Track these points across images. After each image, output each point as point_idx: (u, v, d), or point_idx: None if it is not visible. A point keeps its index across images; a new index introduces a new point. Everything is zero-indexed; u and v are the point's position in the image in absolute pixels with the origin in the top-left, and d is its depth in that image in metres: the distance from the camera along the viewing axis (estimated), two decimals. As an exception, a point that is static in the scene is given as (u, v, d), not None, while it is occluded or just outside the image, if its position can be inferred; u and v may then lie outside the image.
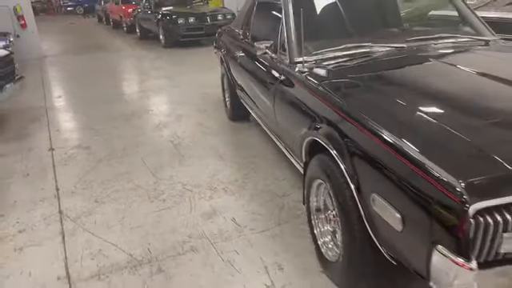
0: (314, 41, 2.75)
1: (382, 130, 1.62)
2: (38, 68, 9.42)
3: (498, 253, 1.31)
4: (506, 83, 1.96)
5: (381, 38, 2.77)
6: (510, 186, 1.27)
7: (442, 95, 1.92)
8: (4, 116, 5.62)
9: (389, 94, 1.98)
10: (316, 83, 2.28)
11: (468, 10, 3.14)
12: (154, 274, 2.30)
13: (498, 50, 2.66)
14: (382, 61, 2.48)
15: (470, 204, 1.22)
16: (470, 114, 1.72)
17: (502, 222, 1.26)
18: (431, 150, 1.45)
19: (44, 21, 24.44)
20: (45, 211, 3.05)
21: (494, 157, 1.34)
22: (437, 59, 2.38)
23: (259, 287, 2.14)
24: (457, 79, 2.12)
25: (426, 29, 3.04)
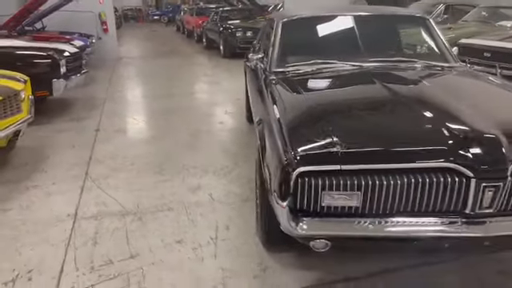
0: (292, 56, 3.37)
1: (279, 115, 2.23)
2: (112, 67, 10.78)
3: (323, 206, 1.86)
4: (406, 100, 2.41)
5: (348, 57, 3.28)
6: (328, 159, 1.82)
7: (345, 101, 2.47)
8: (71, 102, 6.78)
9: (309, 94, 2.56)
10: (271, 85, 2.90)
11: (440, 39, 3.54)
12: (134, 220, 3.02)
13: (440, 75, 3.07)
14: (332, 74, 3.04)
15: (295, 168, 1.79)
16: (350, 115, 2.26)
17: (320, 183, 1.81)
18: (297, 131, 2.03)
19: (132, 27, 26.93)
20: (75, 172, 3.92)
21: (330, 141, 1.89)
22: (373, 76, 2.87)
23: (205, 238, 2.77)
24: (369, 91, 2.63)
25: (396, 53, 3.47)
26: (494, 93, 2.67)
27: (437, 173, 1.80)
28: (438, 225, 1.86)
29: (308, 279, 2.35)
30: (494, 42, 6.02)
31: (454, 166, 1.78)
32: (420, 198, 1.83)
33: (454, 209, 1.85)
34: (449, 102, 2.23)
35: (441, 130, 1.91)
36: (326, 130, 1.98)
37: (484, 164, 1.77)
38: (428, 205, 1.85)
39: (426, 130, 2.00)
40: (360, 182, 1.80)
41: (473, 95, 2.57)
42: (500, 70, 5.80)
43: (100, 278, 2.39)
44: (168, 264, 2.51)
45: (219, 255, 2.59)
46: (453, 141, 1.84)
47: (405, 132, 2.02)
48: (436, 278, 2.33)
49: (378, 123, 2.14)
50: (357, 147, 1.87)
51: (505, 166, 1.77)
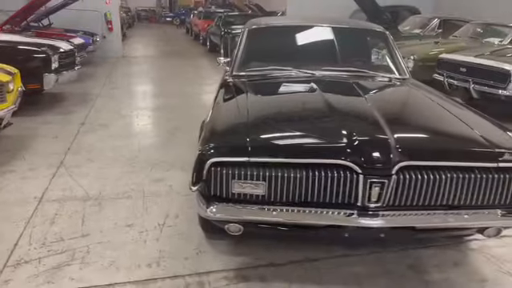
0: (253, 62, 3.63)
1: (213, 113, 2.50)
2: (112, 64, 11.14)
3: (233, 193, 2.11)
4: (329, 107, 2.59)
5: (305, 65, 3.52)
6: (238, 152, 2.06)
7: (275, 104, 2.73)
8: (65, 96, 7.11)
9: (247, 96, 2.81)
10: (222, 86, 3.17)
11: (395, 53, 3.77)
12: (94, 205, 3.29)
13: (377, 87, 3.30)
14: (281, 80, 3.29)
15: (208, 158, 2.05)
16: (272, 116, 2.52)
17: (231, 172, 2.06)
18: (219, 127, 2.29)
19: (144, 27, 27.42)
20: (52, 160, 4.20)
21: (244, 137, 2.14)
22: (317, 84, 3.09)
23: (154, 223, 3.03)
24: (303, 97, 2.89)
25: (352, 64, 3.68)
26: (416, 105, 2.90)
27: (332, 169, 2.04)
28: (335, 216, 2.09)
29: (234, 263, 2.59)
30: (469, 58, 6.22)
31: (346, 162, 2.01)
32: (318, 191, 2.07)
33: (348, 202, 2.08)
34: (365, 110, 2.47)
35: (341, 133, 2.15)
36: (245, 128, 2.23)
37: (371, 163, 2.00)
38: (326, 197, 2.08)
39: (329, 131, 2.24)
40: (265, 174, 2.05)
41: (393, 105, 2.81)
42: (473, 85, 6.00)
43: (49, 252, 2.65)
44: (113, 244, 2.77)
45: (162, 239, 2.84)
46: (349, 142, 2.08)
47: (310, 133, 2.27)
48: (349, 268, 2.55)
49: (291, 125, 2.40)
50: (264, 143, 2.12)
51: (390, 165, 2.00)
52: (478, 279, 2.49)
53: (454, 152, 2.13)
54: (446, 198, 2.09)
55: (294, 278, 2.45)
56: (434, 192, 2.07)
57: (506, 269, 2.58)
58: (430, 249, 2.77)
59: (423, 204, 2.10)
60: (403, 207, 2.11)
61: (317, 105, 2.63)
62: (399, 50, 3.76)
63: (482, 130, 2.29)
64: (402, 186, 2.04)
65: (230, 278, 2.44)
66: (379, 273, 2.52)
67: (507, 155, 2.07)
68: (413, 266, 2.60)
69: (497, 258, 2.70)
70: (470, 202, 2.11)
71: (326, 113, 2.44)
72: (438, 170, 2.06)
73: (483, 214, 2.12)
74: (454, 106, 2.79)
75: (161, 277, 2.45)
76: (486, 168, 2.08)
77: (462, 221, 2.11)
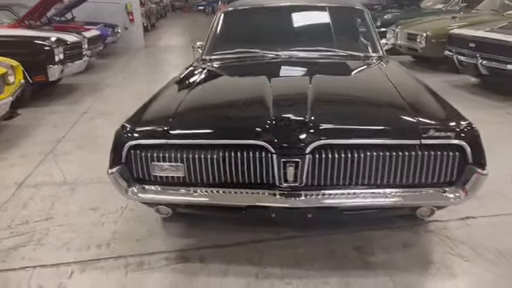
0: (222, 45, 3.63)
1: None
2: (132, 55, 11.41)
3: (154, 175, 2.14)
4: (266, 89, 2.50)
5: (272, 46, 3.47)
6: (156, 135, 2.09)
7: (214, 88, 2.75)
8: (76, 87, 7.39)
9: (193, 78, 2.85)
10: (184, 70, 3.20)
11: (372, 31, 3.65)
12: (67, 190, 3.43)
13: (339, 66, 3.21)
14: (239, 63, 3.29)
15: (126, 141, 2.09)
16: (203, 99, 2.52)
17: (149, 155, 2.10)
18: (144, 110, 2.32)
19: (176, 17, 27.77)
20: (44, 148, 4.40)
21: (165, 120, 2.16)
22: (274, 65, 3.07)
23: (117, 207, 3.12)
24: (248, 81, 2.89)
25: (322, 42, 3.58)
26: (361, 84, 2.79)
27: (249, 149, 2.02)
28: (254, 196, 2.08)
29: (180, 245, 2.63)
30: (477, 32, 5.89)
31: (260, 142, 1.99)
32: (236, 172, 2.06)
33: (267, 182, 2.06)
34: (301, 91, 2.40)
35: (261, 114, 2.11)
36: (171, 111, 2.25)
37: (284, 142, 1.97)
38: (245, 178, 2.07)
39: (250, 113, 2.22)
40: (183, 156, 2.07)
41: (335, 85, 2.73)
42: (481, 61, 5.69)
43: (11, 234, 2.81)
44: (72, 226, 2.89)
45: (119, 222, 2.94)
46: (266, 123, 2.04)
47: (231, 115, 2.26)
48: (293, 250, 2.53)
49: (217, 108, 2.40)
50: (183, 126, 2.13)
51: (303, 144, 1.95)
52: (423, 261, 2.41)
53: (373, 130, 2.05)
54: (367, 176, 2.03)
55: (234, 259, 2.46)
56: (353, 171, 2.01)
57: (457, 251, 2.48)
58: (384, 230, 2.70)
59: (344, 183, 2.04)
60: (325, 187, 2.06)
61: (256, 87, 2.60)
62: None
63: (417, 107, 2.19)
64: (318, 165, 2.00)
65: (170, 259, 2.49)
66: (322, 254, 2.49)
67: (432, 132, 1.98)
68: (359, 248, 2.54)
69: (452, 239, 2.60)
70: (395, 181, 2.04)
71: (258, 95, 2.38)
72: (358, 149, 1.99)
73: (408, 192, 2.04)
74: (407, 84, 2.66)
75: (105, 257, 2.53)
76: (409, 145, 1.99)
77: (387, 201, 2.04)
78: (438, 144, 1.98)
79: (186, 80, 2.88)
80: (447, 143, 1.97)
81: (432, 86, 6.92)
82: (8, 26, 7.61)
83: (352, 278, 2.28)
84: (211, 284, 2.27)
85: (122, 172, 2.13)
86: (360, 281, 2.26)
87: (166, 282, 2.29)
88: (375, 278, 2.28)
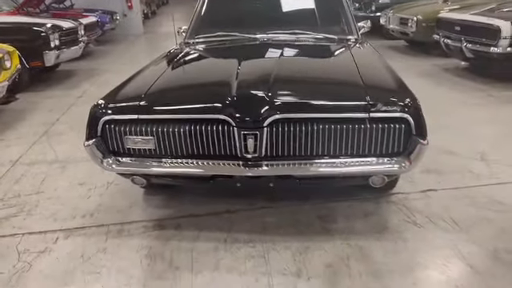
0: (204, 28, 3.80)
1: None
2: (131, 42, 11.58)
3: (128, 148, 2.34)
4: (234, 69, 2.65)
5: (251, 29, 3.64)
6: (128, 110, 2.28)
7: (188, 68, 2.91)
8: (74, 73, 7.59)
9: (170, 60, 3.02)
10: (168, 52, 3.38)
11: (347, 14, 3.80)
12: (58, 168, 3.65)
13: (310, 48, 3.37)
14: (228, 44, 3.46)
15: (102, 117, 2.28)
16: (175, 79, 2.72)
17: (123, 129, 2.29)
18: (121, 88, 2.51)
19: (178, 4, 27.63)
20: (39, 130, 4.62)
21: (138, 97, 2.35)
22: (249, 48, 3.25)
23: (103, 182, 3.33)
24: (221, 62, 3.07)
25: (298, 26, 3.73)
26: (324, 63, 2.98)
27: (213, 123, 2.21)
28: (219, 166, 2.27)
29: (158, 215, 2.84)
30: (462, 16, 6.00)
31: (222, 116, 2.18)
32: (202, 144, 2.25)
33: (231, 153, 2.25)
34: (267, 70, 2.57)
35: (225, 90, 2.29)
36: (145, 89, 2.44)
37: (244, 116, 2.15)
38: (210, 149, 2.26)
39: (216, 90, 2.39)
40: (153, 129, 2.26)
41: (300, 64, 2.91)
42: (465, 44, 5.81)
43: (3, 206, 3.03)
44: (61, 199, 3.11)
45: (105, 195, 3.15)
46: (228, 98, 2.23)
47: (199, 92, 2.44)
48: (261, 219, 2.73)
49: (187, 86, 2.58)
50: (153, 102, 2.32)
51: (261, 118, 2.14)
52: (379, 227, 2.60)
53: (326, 105, 2.23)
54: (322, 147, 2.21)
55: (206, 227, 2.67)
56: (309, 142, 2.19)
57: (412, 219, 2.67)
58: (348, 201, 2.89)
59: (300, 154, 2.23)
60: (284, 157, 2.24)
61: (225, 68, 2.77)
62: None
63: (370, 85, 2.35)
64: (276, 137, 2.18)
65: (148, 227, 2.71)
66: (288, 222, 2.69)
67: (379, 106, 2.15)
68: (323, 217, 2.74)
69: (410, 209, 2.78)
70: (346, 151, 2.22)
71: (225, 75, 2.54)
72: (312, 122, 2.17)
73: (358, 162, 2.22)
74: (369, 65, 2.82)
75: (89, 226, 2.75)
76: (359, 118, 2.17)
77: (339, 170, 2.23)
78: (385, 117, 2.16)
79: (163, 61, 3.07)
80: (393, 116, 2.14)
81: (422, 69, 7.08)
82: (7, 13, 7.79)
83: (312, 243, 2.48)
84: (182, 247, 2.48)
85: (98, 145, 2.32)
86: (319, 245, 2.45)
87: (141, 246, 2.50)
88: (333, 242, 2.47)
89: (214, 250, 2.44)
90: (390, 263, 2.29)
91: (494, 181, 3.13)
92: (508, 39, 5.18)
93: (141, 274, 2.27)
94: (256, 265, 2.31)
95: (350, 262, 2.31)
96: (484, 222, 2.61)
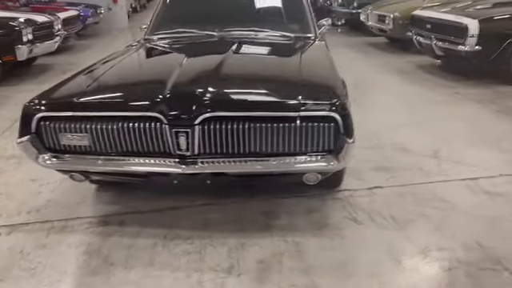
0: (164, 25, 3.81)
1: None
2: (115, 36, 11.52)
3: (63, 144, 2.35)
4: (177, 66, 2.69)
5: (210, 27, 3.65)
6: (63, 107, 2.30)
7: (137, 67, 2.92)
8: (50, 68, 7.57)
9: (122, 58, 3.04)
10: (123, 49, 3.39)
11: (306, 12, 3.81)
12: (14, 163, 3.64)
13: (262, 45, 3.40)
14: (183, 41, 3.47)
15: (36, 114, 2.29)
16: (117, 76, 2.72)
17: (57, 126, 2.30)
18: (64, 83, 2.52)
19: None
20: (4, 124, 4.62)
21: (75, 93, 2.37)
22: (213, 44, 3.28)
23: (57, 178, 3.34)
24: (170, 59, 3.08)
25: (257, 23, 3.74)
26: (268, 61, 3.03)
27: (146, 120, 2.23)
28: (154, 163, 2.29)
29: (105, 211, 2.87)
30: (432, 14, 6.03)
31: (154, 114, 2.19)
32: (136, 141, 2.27)
33: (164, 151, 2.27)
34: (210, 67, 2.60)
35: (160, 88, 2.31)
36: (83, 86, 2.46)
37: (175, 114, 2.17)
38: (144, 147, 2.28)
39: (152, 87, 2.41)
40: (87, 126, 2.27)
41: (245, 62, 2.93)
42: (435, 42, 5.84)
43: (-49, 201, 3.04)
44: (10, 195, 3.12)
45: (56, 191, 3.16)
46: (161, 95, 2.25)
47: (134, 89, 2.46)
48: (204, 215, 2.76)
49: (123, 84, 2.61)
50: (88, 99, 2.33)
51: (192, 115, 2.16)
52: (320, 224, 2.64)
53: (259, 103, 2.26)
54: (254, 145, 2.23)
55: (149, 224, 2.70)
56: (240, 141, 2.22)
57: (354, 216, 2.71)
58: (295, 198, 2.92)
59: (234, 152, 2.25)
60: (217, 155, 2.27)
61: (169, 65, 2.79)
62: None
63: (306, 84, 2.38)
64: (208, 135, 2.20)
65: (92, 223, 2.73)
66: (231, 219, 2.72)
67: (309, 105, 2.18)
68: (267, 213, 2.77)
69: (354, 206, 2.82)
70: (278, 149, 2.24)
71: (165, 72, 2.54)
72: (244, 120, 2.19)
73: (291, 160, 2.25)
74: (313, 64, 2.84)
75: (33, 222, 2.76)
76: (290, 117, 2.19)
77: (271, 167, 2.26)
78: (314, 116, 2.18)
79: (112, 58, 3.07)
80: (321, 115, 2.17)
81: (397, 66, 7.12)
82: (-17, 7, 7.75)
83: (250, 239, 2.51)
84: (121, 244, 2.50)
85: (33, 141, 2.33)
86: (256, 241, 2.49)
87: (81, 242, 2.52)
88: (271, 239, 2.51)
89: (152, 247, 2.46)
90: (323, 260, 2.32)
91: (441, 178, 3.17)
92: (475, 37, 5.22)
93: (75, 270, 2.30)
94: (190, 261, 2.33)
95: (284, 258, 2.34)
96: (421, 219, 2.65)
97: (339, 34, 11.42)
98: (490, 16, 5.42)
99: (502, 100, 4.98)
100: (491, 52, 5.31)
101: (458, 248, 2.36)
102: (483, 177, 3.13)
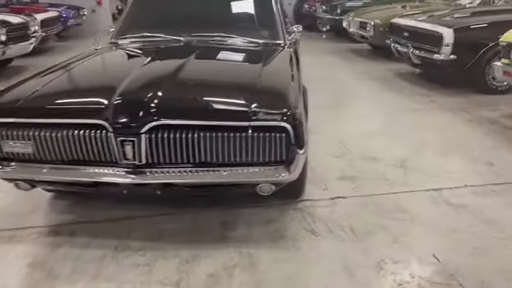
0: (130, 28, 3.73)
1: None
2: (97, 38, 11.37)
3: (6, 151, 2.26)
4: (133, 71, 2.61)
5: (176, 31, 3.58)
6: (5, 113, 2.21)
7: (89, 72, 2.84)
8: (26, 69, 7.43)
9: (76, 63, 2.95)
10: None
11: (276, 18, 3.75)
12: None
13: (224, 51, 3.34)
14: (147, 45, 3.40)
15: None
16: (70, 82, 2.63)
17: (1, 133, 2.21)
18: (8, 88, 2.43)
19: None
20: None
21: (20, 99, 2.28)
22: (176, 49, 3.21)
23: (11, 186, 3.23)
24: (123, 66, 2.99)
25: (225, 28, 3.67)
26: (224, 68, 2.96)
27: (91, 128, 2.15)
28: (100, 172, 2.22)
29: (58, 220, 2.77)
30: (409, 22, 6.03)
31: (99, 121, 2.12)
32: (81, 150, 2.19)
33: (111, 159, 2.19)
34: (163, 74, 2.55)
35: (108, 94, 2.23)
36: (29, 91, 2.37)
37: (121, 122, 2.10)
38: (90, 155, 2.20)
39: (99, 94, 2.33)
40: (30, 133, 2.19)
41: (202, 69, 2.86)
42: (412, 50, 5.84)
43: None
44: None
45: (8, 199, 3.02)
46: (109, 102, 2.17)
47: (81, 95, 2.39)
48: (161, 226, 2.68)
49: (72, 90, 2.55)
50: (32, 105, 2.25)
51: (138, 124, 2.09)
52: (276, 235, 2.58)
53: (210, 112, 2.19)
54: (205, 155, 2.16)
55: (102, 234, 2.61)
56: (190, 150, 2.15)
57: (312, 227, 2.65)
58: (255, 208, 2.85)
59: (183, 162, 2.18)
60: (167, 165, 2.20)
61: (123, 71, 2.70)
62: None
63: (260, 93, 2.32)
64: (156, 144, 2.13)
65: (42, 233, 2.63)
66: (186, 229, 2.65)
67: (260, 114, 2.12)
68: (225, 223, 2.70)
69: (313, 217, 2.76)
70: (229, 159, 2.18)
71: (117, 78, 2.47)
72: (194, 129, 2.13)
73: (242, 170, 2.18)
74: (273, 73, 2.75)
75: (-21, 230, 2.66)
76: (241, 127, 2.13)
77: (222, 178, 2.19)
78: (267, 126, 2.12)
79: (69, 62, 2.99)
80: (273, 125, 2.11)
81: (378, 74, 7.12)
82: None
83: (203, 251, 2.43)
84: (69, 255, 2.41)
85: (-25, 149, 2.24)
86: (210, 253, 2.41)
87: (28, 253, 2.43)
88: (226, 250, 2.44)
89: (100, 259, 2.38)
90: (275, 272, 2.26)
91: (405, 188, 3.13)
92: (450, 46, 5.22)
93: (16, 283, 2.20)
94: (138, 274, 2.26)
95: (235, 270, 2.27)
96: (380, 231, 2.60)
97: (324, 40, 11.46)
98: (466, 25, 5.43)
99: (476, 109, 4.98)
100: (466, 61, 5.31)
101: (413, 261, 2.31)
102: (448, 187, 3.10)
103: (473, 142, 4.06)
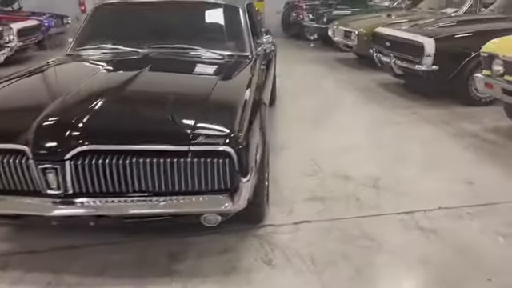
0: (87, 40, 3.53)
1: None
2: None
3: None
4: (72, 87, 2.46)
5: (135, 43, 3.38)
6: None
7: (33, 87, 2.64)
8: None
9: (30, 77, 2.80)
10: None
11: (243, 29, 3.56)
12: None
13: (196, 67, 3.15)
14: (102, 59, 3.21)
15: None
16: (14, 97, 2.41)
17: None
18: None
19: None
20: None
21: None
22: (131, 62, 3.03)
23: None
24: (83, 76, 2.77)
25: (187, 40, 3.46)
26: (182, 89, 2.68)
27: (11, 153, 1.93)
28: (25, 204, 1.99)
29: (-5, 250, 2.54)
30: (391, 31, 5.87)
31: (19, 147, 1.90)
32: (1, 177, 1.96)
33: (34, 189, 1.97)
34: (102, 92, 2.34)
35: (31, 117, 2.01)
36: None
37: (41, 147, 1.88)
38: (11, 184, 1.97)
39: (20, 116, 2.12)
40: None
41: (151, 88, 2.63)
42: (394, 60, 5.67)
43: None
44: None
45: None
46: (30, 126, 1.95)
47: (2, 116, 2.16)
48: (105, 256, 2.45)
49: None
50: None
51: (62, 149, 1.87)
52: (229, 267, 2.36)
53: (145, 135, 1.98)
54: (140, 183, 1.95)
55: (37, 267, 2.38)
56: (124, 178, 1.94)
57: (270, 257, 2.44)
58: (210, 235, 2.62)
59: (115, 191, 1.97)
60: (96, 194, 1.97)
61: (66, 85, 2.51)
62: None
63: (202, 114, 2.11)
64: (82, 172, 1.91)
65: (-28, 265, 2.40)
66: (131, 260, 2.43)
67: (201, 138, 1.91)
68: (174, 254, 2.48)
69: (273, 245, 2.55)
70: (167, 188, 1.97)
71: (50, 96, 2.29)
72: (126, 155, 1.91)
73: (181, 200, 1.97)
74: (224, 91, 2.54)
75: None
76: (180, 152, 1.92)
77: (159, 208, 1.97)
78: (208, 151, 1.91)
79: (12, 77, 2.78)
80: (215, 150, 1.90)
81: (361, 84, 6.94)
82: None
83: (148, 286, 2.21)
84: (-5, 293, 2.18)
85: None
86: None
87: (-50, 291, 2.20)
88: (169, 286, 2.21)
89: (29, 297, 2.14)
90: (222, 312, 2.03)
91: (375, 211, 2.92)
92: (432, 57, 5.04)
93: None
94: (68, 315, 2.02)
95: (176, 311, 2.04)
96: (342, 261, 2.39)
97: (311, 49, 11.33)
98: (448, 35, 5.27)
99: (458, 122, 4.80)
100: (449, 72, 5.14)
101: (374, 298, 2.10)
102: (420, 210, 2.90)
103: (453, 157, 3.86)
